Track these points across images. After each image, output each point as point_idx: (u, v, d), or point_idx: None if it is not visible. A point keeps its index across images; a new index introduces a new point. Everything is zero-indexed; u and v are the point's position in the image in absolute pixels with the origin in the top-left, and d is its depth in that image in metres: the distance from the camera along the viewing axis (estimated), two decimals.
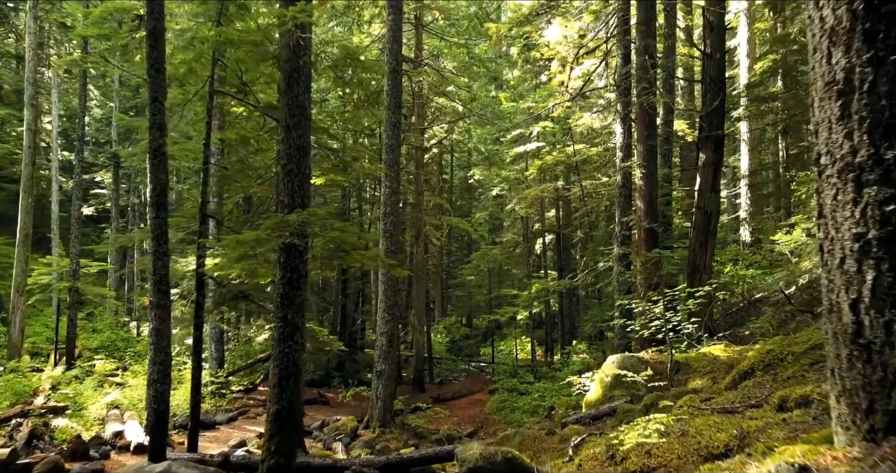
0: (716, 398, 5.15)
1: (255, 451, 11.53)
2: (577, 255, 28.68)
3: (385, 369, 14.55)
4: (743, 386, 5.36)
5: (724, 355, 8.41)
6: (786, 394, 3.67)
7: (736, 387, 5.73)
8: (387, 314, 14.63)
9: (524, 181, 25.80)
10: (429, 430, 15.32)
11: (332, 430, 14.02)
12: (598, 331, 18.90)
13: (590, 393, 9.25)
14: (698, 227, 12.62)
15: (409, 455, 8.41)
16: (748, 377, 5.71)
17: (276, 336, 7.05)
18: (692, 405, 5.05)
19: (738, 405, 4.46)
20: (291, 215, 6.69)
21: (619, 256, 13.12)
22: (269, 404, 6.94)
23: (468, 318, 40.04)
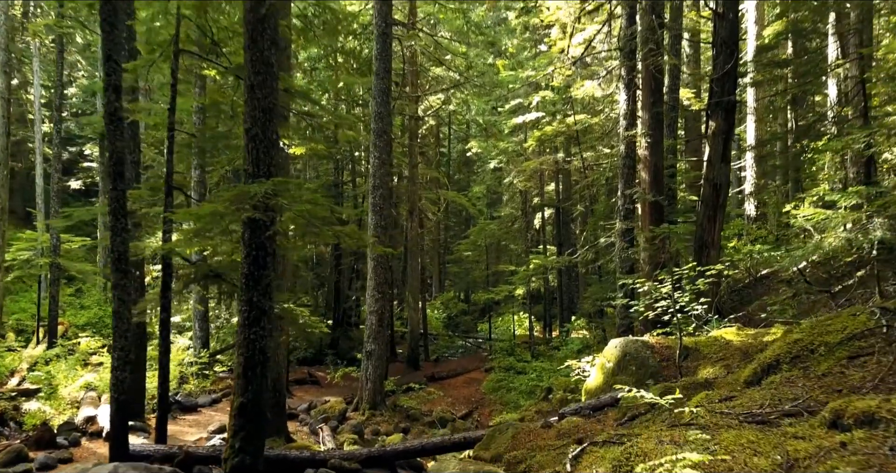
0: (738, 398, 4.41)
1: None
2: (577, 229, 27.93)
3: (375, 349, 13.89)
4: (769, 383, 4.62)
5: (738, 339, 7.69)
6: (840, 407, 2.94)
7: (759, 383, 5.00)
8: (377, 291, 13.92)
9: (523, 154, 24.91)
10: (421, 412, 14.73)
11: (320, 413, 13.40)
12: (598, 310, 18.26)
13: (590, 380, 8.56)
14: (706, 200, 11.83)
15: (392, 448, 7.74)
16: (773, 371, 4.97)
17: (241, 321, 6.31)
18: (710, 406, 4.32)
19: (769, 411, 3.72)
20: (253, 185, 5.90)
21: (622, 231, 12.35)
22: (233, 396, 6.24)
23: (466, 293, 39.47)
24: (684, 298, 8.27)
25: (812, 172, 19.49)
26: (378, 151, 13.96)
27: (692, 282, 8.01)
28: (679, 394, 6.16)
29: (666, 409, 6.01)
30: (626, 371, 7.87)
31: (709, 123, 12.21)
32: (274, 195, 6.05)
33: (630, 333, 12.28)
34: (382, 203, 13.96)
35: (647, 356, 7.80)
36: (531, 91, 23.14)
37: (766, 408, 3.83)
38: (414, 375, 19.83)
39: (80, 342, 19.28)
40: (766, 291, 14.95)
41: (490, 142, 26.93)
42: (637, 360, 7.82)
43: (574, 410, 7.35)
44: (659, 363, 7.75)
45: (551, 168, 23.48)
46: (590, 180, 19.89)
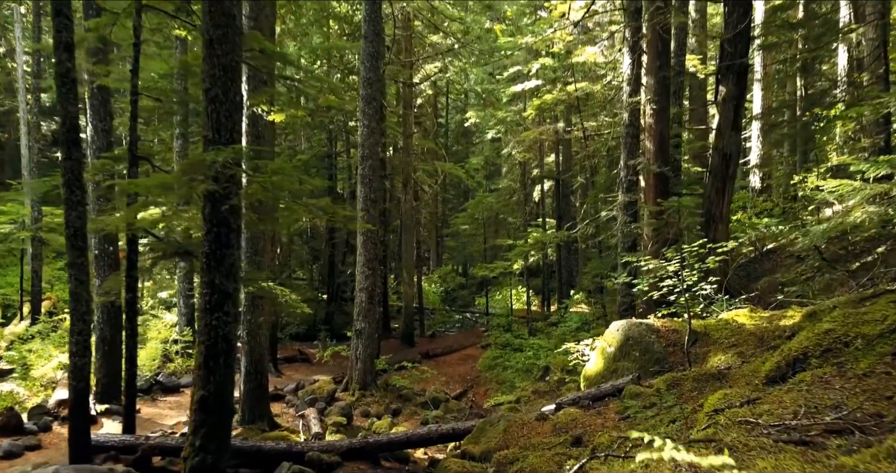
0: (763, 401, 3.77)
1: None
2: (576, 202, 27.21)
3: (365, 327, 13.30)
4: (797, 382, 3.98)
5: (751, 323, 7.05)
6: None
7: (784, 379, 4.36)
8: (367, 268, 13.27)
9: (522, 123, 24.05)
10: (413, 391, 14.21)
11: (308, 394, 12.87)
12: (598, 287, 17.65)
13: (589, 365, 7.96)
14: (715, 171, 11.11)
15: (375, 439, 7.17)
16: (801, 367, 4.34)
17: (202, 306, 5.67)
18: (732, 413, 3.68)
19: (807, 424, 3.08)
20: (209, 153, 5.20)
21: (624, 204, 11.65)
22: (193, 389, 5.62)
23: (464, 266, 38.89)
24: (692, 277, 7.63)
25: (823, 142, 18.70)
26: (367, 119, 13.17)
27: (701, 260, 7.34)
28: (689, 386, 5.54)
29: (674, 404, 5.41)
30: (629, 357, 7.26)
31: (718, 88, 11.42)
32: (235, 164, 5.35)
33: (631, 311, 11.67)
34: (372, 175, 13.23)
35: (651, 341, 7.18)
36: (530, 58, 22.20)
37: (802, 419, 3.19)
38: (408, 352, 19.32)
39: (66, 319, 18.70)
40: (774, 266, 14.32)
41: (488, 111, 26.04)
42: (641, 345, 7.20)
43: (572, 400, 6.75)
44: (664, 348, 7.13)
45: (551, 138, 22.66)
46: (590, 150, 19.10)
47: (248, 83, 10.10)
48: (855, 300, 6.61)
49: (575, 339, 15.28)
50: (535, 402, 12.64)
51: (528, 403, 12.77)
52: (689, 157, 20.16)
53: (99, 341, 11.14)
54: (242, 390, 10.38)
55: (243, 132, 10.25)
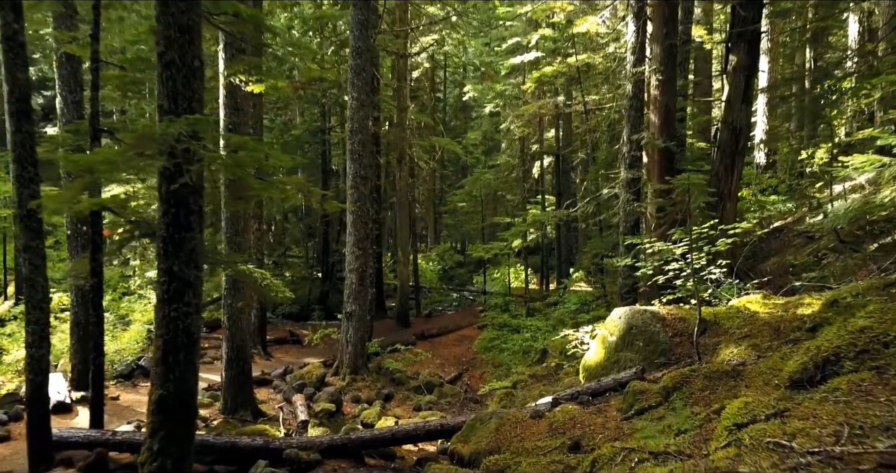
0: (793, 414, 3.21)
1: None
2: (576, 179, 26.55)
3: (356, 310, 12.78)
4: (831, 390, 3.43)
5: (765, 311, 6.50)
6: None
7: (812, 383, 3.81)
8: (357, 248, 12.70)
9: (521, 97, 23.29)
10: (407, 375, 13.74)
11: (296, 378, 12.39)
12: (598, 267, 17.11)
13: (589, 354, 7.43)
14: (724, 146, 10.49)
15: (358, 436, 6.67)
16: (831, 369, 3.78)
17: (160, 296, 5.10)
18: (756, 429, 3.13)
19: (856, 452, 2.53)
20: (161, 125, 4.58)
21: (627, 181, 11.03)
22: (150, 387, 5.09)
23: (462, 243, 38.35)
24: (700, 260, 7.08)
25: (833, 116, 17.99)
26: (357, 92, 12.48)
27: (711, 242, 6.76)
28: (699, 384, 5.00)
29: (683, 405, 4.88)
30: (632, 347, 6.73)
31: (728, 56, 10.75)
32: (192, 137, 4.73)
33: (633, 294, 11.14)
34: (362, 150, 12.58)
35: (656, 331, 6.63)
36: (530, 29, 21.37)
37: (847, 444, 2.63)
38: (403, 333, 18.86)
39: (52, 299, 18.20)
40: (782, 246, 13.75)
41: (486, 84, 25.25)
42: (645, 334, 6.66)
43: (570, 394, 6.22)
44: (670, 338, 6.59)
45: (551, 113, 21.91)
46: (591, 124, 18.38)
47: (225, 51, 9.43)
48: (878, 286, 6.04)
49: (574, 321, 14.81)
50: (532, 387, 12.18)
51: (524, 388, 12.31)
52: (693, 131, 19.48)
53: (73, 325, 10.63)
54: (224, 377, 9.89)
55: (221, 105, 9.61)
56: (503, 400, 11.76)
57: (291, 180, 5.42)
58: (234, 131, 9.55)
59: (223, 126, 9.57)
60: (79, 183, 4.67)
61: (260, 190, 5.30)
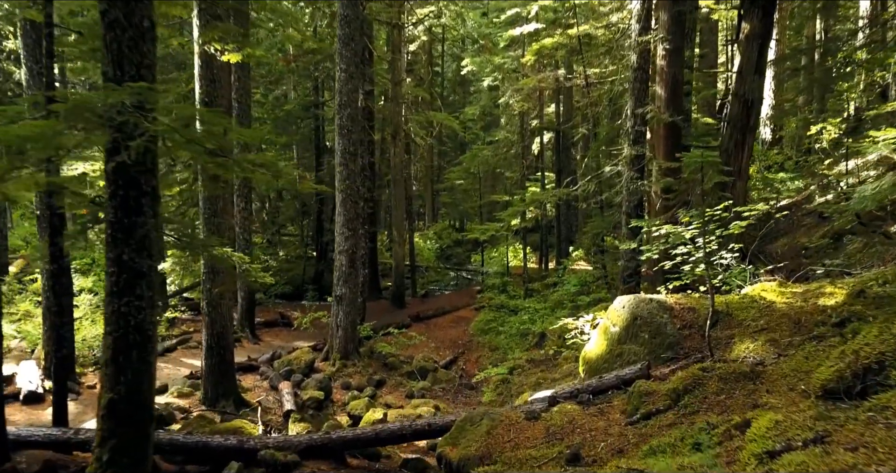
0: (835, 441, 2.67)
1: (172, 401, 9.42)
2: (577, 155, 25.86)
3: (346, 293, 12.25)
4: (879, 408, 2.88)
5: (782, 300, 5.95)
6: None
7: (850, 395, 3.27)
8: (346, 228, 12.12)
9: (520, 70, 22.48)
10: (400, 359, 13.28)
11: (284, 364, 11.90)
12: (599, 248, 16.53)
13: (590, 346, 6.89)
14: (734, 120, 9.86)
15: (339, 435, 6.16)
16: (873, 380, 3.24)
17: (108, 288, 4.54)
18: (793, 461, 2.58)
19: None
20: (99, 94, 3.97)
21: (631, 158, 10.41)
22: (99, 391, 4.55)
23: (461, 222, 37.75)
24: (712, 244, 6.52)
25: (844, 89, 17.27)
26: (345, 63, 11.79)
27: (724, 225, 6.18)
28: (714, 388, 4.47)
29: (696, 411, 4.34)
30: (637, 340, 6.19)
31: (741, 24, 10.05)
32: (139, 109, 4.12)
33: (636, 277, 10.59)
34: (351, 125, 11.93)
35: (663, 322, 6.09)
36: None
37: None
38: (398, 314, 18.38)
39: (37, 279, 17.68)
40: (791, 226, 13.18)
41: (484, 57, 24.40)
42: (651, 326, 6.12)
43: (569, 392, 5.70)
44: (679, 330, 6.05)
45: (551, 87, 21.15)
46: (593, 98, 17.66)
47: (199, 18, 8.73)
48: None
49: (573, 303, 14.30)
50: (529, 373, 11.70)
51: (521, 373, 11.85)
52: (698, 106, 18.79)
53: (45, 311, 10.05)
54: (204, 366, 9.39)
55: (196, 76, 8.95)
56: (499, 387, 11.30)
57: (259, 159, 4.83)
58: (210, 105, 8.92)
59: (198, 99, 8.92)
60: (6, 162, 4.07)
61: (215, 169, 4.71)
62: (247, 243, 14.10)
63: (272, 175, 4.83)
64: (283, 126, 26.88)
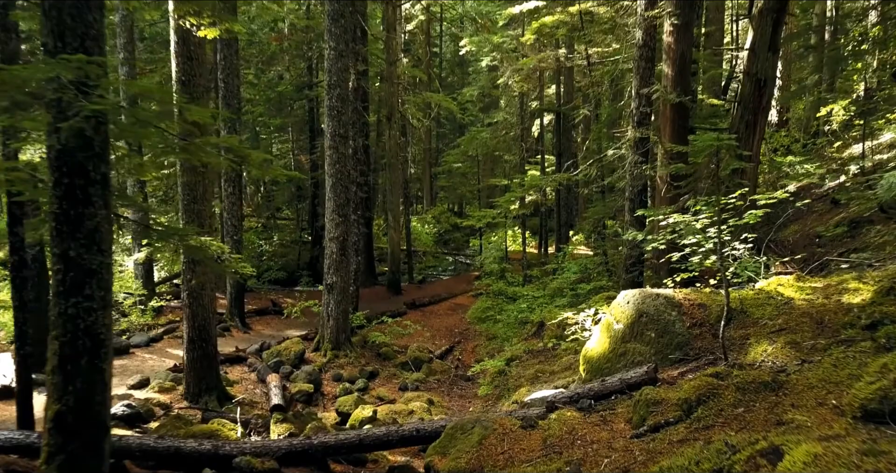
0: None
1: (153, 396, 8.98)
2: (577, 137, 25.27)
3: (337, 281, 11.79)
4: None
5: (801, 297, 5.47)
6: None
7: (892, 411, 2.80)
8: (337, 214, 11.62)
9: (519, 50, 21.82)
10: (394, 349, 12.86)
11: (273, 355, 11.47)
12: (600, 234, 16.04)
13: (592, 343, 6.42)
14: (745, 100, 9.32)
15: (321, 440, 5.71)
16: None
17: (54, 288, 4.06)
18: None
19: None
20: (28, 67, 3.45)
21: (635, 141, 9.87)
22: (46, 401, 4.09)
23: (459, 205, 37.21)
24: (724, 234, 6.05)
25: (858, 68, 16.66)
26: (335, 41, 11.20)
27: (738, 214, 5.69)
28: (731, 399, 4.01)
29: (711, 425, 3.88)
30: (642, 338, 5.72)
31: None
32: (80, 86, 3.60)
33: (639, 266, 10.12)
34: (341, 106, 11.37)
35: (671, 320, 5.62)
36: None
37: None
38: (393, 301, 17.95)
39: None
40: (801, 212, 12.69)
41: (483, 36, 23.68)
42: (658, 324, 5.65)
43: (569, 397, 5.24)
44: (688, 329, 5.58)
45: (551, 67, 20.51)
46: (595, 77, 17.05)
47: None
48: None
49: (573, 292, 13.84)
50: (527, 364, 11.27)
51: (519, 365, 11.41)
52: (703, 86, 18.17)
53: None
54: (186, 359, 8.94)
55: (172, 53, 8.39)
56: (495, 380, 10.88)
57: (223, 142, 4.31)
58: (187, 85, 8.37)
59: (175, 78, 8.37)
60: None
61: (172, 154, 4.20)
62: (235, 228, 13.60)
63: (239, 161, 4.32)
64: (278, 108, 26.26)
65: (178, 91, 8.38)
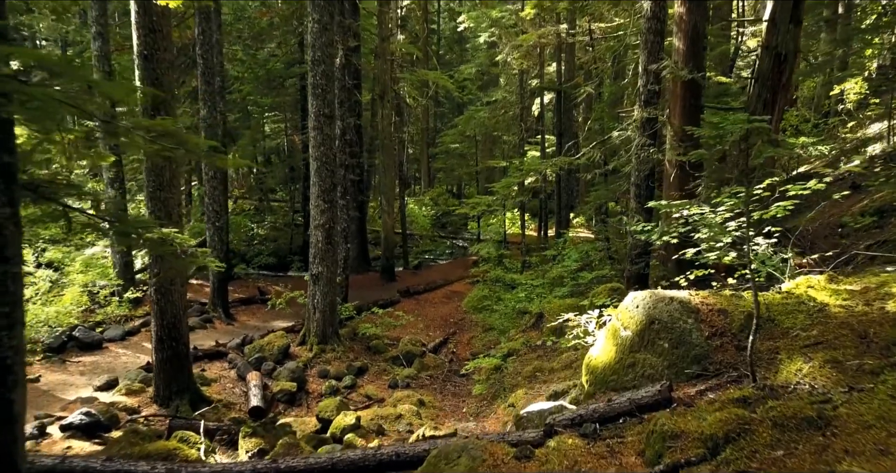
0: None
1: (119, 400, 8.33)
2: (579, 117, 24.40)
3: (323, 272, 11.09)
4: None
5: (837, 302, 4.76)
6: None
7: None
8: (322, 200, 10.88)
9: (519, 25, 20.87)
10: (385, 342, 12.23)
11: (255, 350, 10.81)
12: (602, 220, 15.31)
13: (596, 350, 5.73)
14: (763, 77, 8.52)
15: (288, 465, 5.04)
16: None
17: None
18: None
19: None
20: None
21: (643, 121, 9.10)
22: None
23: (458, 186, 36.40)
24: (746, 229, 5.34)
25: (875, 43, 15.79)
26: (318, 13, 10.36)
27: (763, 206, 4.96)
28: (767, 437, 3.32)
29: (740, 470, 3.20)
30: (654, 348, 5.02)
31: None
32: None
33: (646, 257, 9.41)
34: (326, 83, 10.57)
35: (687, 328, 4.91)
36: None
37: None
38: (387, 288, 17.29)
39: None
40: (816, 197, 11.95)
41: (481, 11, 22.71)
42: (672, 332, 4.94)
43: (569, 419, 4.56)
44: (707, 340, 4.87)
45: (552, 43, 19.58)
46: (597, 52, 16.15)
47: None
48: None
49: (574, 281, 13.15)
50: (525, 360, 10.61)
51: (517, 360, 10.77)
52: (712, 63, 17.29)
53: None
54: (154, 360, 8.28)
55: (133, 25, 7.59)
56: (491, 377, 10.23)
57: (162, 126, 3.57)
58: (150, 60, 7.59)
59: (137, 52, 7.59)
60: None
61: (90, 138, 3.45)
62: (217, 214, 12.86)
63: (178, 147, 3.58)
64: (270, 86, 25.34)
65: (140, 66, 7.61)
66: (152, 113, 7.61)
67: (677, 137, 8.67)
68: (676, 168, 8.73)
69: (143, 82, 7.59)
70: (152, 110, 7.62)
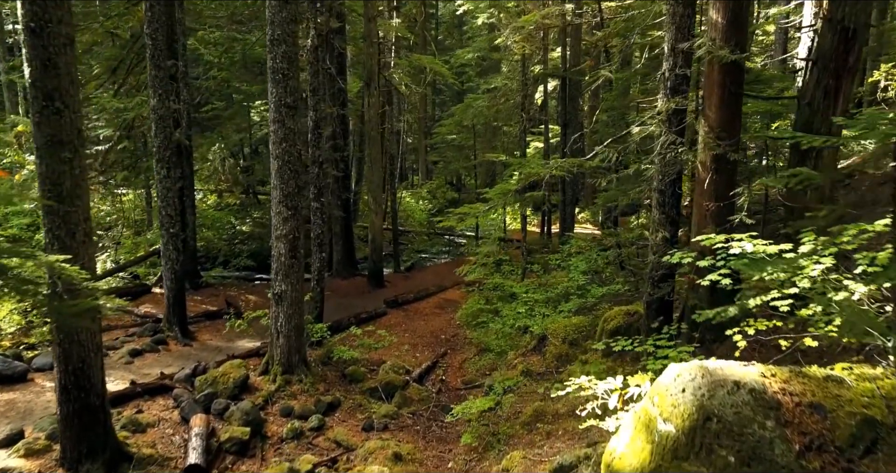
0: None
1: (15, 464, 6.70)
2: (585, 105, 22.57)
3: (287, 290, 9.44)
4: None
5: None
6: None
7: None
8: (284, 206, 9.20)
9: (520, 4, 19.08)
10: (363, 368, 10.63)
11: (206, 383, 9.16)
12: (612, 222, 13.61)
13: (621, 445, 4.03)
14: (825, 58, 6.81)
15: None
16: None
17: None
18: None
19: None
20: None
21: (669, 114, 7.39)
22: None
23: (458, 179, 34.72)
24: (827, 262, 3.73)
25: None
26: None
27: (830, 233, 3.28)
28: None
29: None
30: (711, 460, 3.35)
31: None
32: None
33: (670, 282, 7.74)
34: (287, 67, 8.85)
35: (766, 437, 3.23)
36: None
37: None
38: (373, 296, 15.66)
39: None
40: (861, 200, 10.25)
41: None
42: (741, 442, 3.27)
43: None
44: (797, 458, 3.18)
45: (556, 25, 17.79)
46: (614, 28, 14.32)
47: None
48: None
49: (582, 299, 11.50)
50: (525, 395, 8.95)
51: (515, 394, 9.13)
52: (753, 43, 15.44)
53: None
54: (59, 415, 6.64)
55: None
56: (483, 419, 8.58)
57: None
58: (39, 34, 5.90)
59: (23, 24, 5.90)
60: None
61: None
62: (171, 219, 11.19)
63: None
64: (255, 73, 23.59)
65: (27, 43, 5.92)
66: (44, 103, 5.95)
67: (714, 133, 6.96)
68: (712, 172, 7.02)
69: (32, 63, 5.91)
70: (44, 100, 5.95)
